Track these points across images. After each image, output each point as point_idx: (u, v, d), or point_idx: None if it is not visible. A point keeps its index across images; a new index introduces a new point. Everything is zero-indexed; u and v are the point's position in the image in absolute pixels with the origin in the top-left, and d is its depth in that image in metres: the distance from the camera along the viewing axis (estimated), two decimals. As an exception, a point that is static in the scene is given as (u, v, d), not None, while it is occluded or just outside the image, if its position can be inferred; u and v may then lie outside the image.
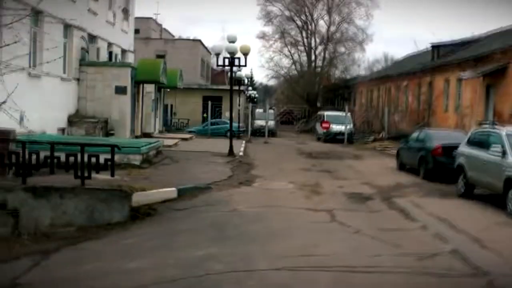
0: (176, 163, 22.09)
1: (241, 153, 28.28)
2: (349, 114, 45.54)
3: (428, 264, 9.12)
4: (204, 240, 10.66)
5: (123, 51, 35.04)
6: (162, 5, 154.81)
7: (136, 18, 66.24)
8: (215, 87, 58.97)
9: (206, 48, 71.20)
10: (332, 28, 70.59)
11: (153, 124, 35.37)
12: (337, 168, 24.40)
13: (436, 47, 43.46)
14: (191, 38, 73.09)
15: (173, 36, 76.06)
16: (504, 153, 14.78)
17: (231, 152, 26.28)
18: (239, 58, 25.99)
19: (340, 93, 67.74)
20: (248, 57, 25.97)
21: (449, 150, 20.33)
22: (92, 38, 28.75)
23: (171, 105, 49.57)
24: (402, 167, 24.42)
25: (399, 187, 18.83)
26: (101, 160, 13.15)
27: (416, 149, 22.72)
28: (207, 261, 9.04)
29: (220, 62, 26.15)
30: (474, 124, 30.46)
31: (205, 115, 49.07)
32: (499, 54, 30.10)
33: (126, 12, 35.74)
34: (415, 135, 24.39)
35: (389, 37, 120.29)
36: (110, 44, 32.70)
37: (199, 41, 67.64)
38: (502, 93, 29.53)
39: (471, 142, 17.36)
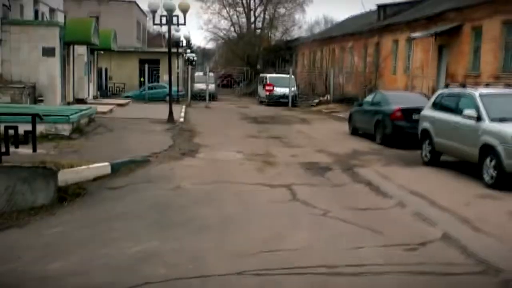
0: (111, 132, 19.85)
1: (181, 119, 26.13)
2: (293, 76, 43.59)
3: (422, 258, 7.32)
4: (143, 228, 8.66)
5: (52, 10, 32.15)
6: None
7: (67, -23, 64.00)
8: (152, 49, 56.09)
9: (142, 10, 67.94)
10: (272, -12, 68.42)
11: (86, 89, 32.70)
12: (286, 134, 22.53)
13: (382, 7, 41.92)
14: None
15: (107, -4, 72.36)
16: (479, 117, 13.13)
17: (170, 119, 24.13)
18: (177, 16, 23.72)
19: (281, 55, 65.73)
20: (187, 15, 23.66)
21: (409, 113, 18.88)
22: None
23: (106, 69, 46.66)
24: (355, 131, 22.74)
25: (357, 155, 17.11)
26: (24, 133, 10.91)
27: (371, 113, 21.03)
28: (147, 262, 7.03)
29: (157, 21, 23.73)
30: (427, 85, 29.14)
31: (142, 79, 46.32)
32: (453, 13, 28.62)
33: (54, -34, 32.86)
34: (369, 97, 22.70)
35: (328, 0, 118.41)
36: (36, 2, 29.94)
37: (134, 2, 64.28)
38: (456, 53, 28.12)
39: (438, 105, 15.65)
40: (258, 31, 70.10)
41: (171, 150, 16.50)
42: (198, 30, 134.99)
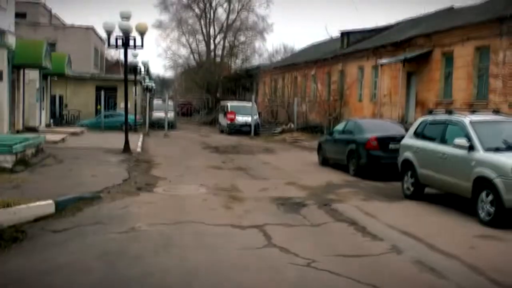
0: (60, 163, 17.94)
1: (139, 149, 24.27)
2: (255, 104, 42.05)
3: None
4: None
5: (1, 32, 29.98)
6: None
7: (23, 2, 61.49)
8: (109, 76, 54.03)
9: (99, 37, 65.85)
10: (232, 16, 67.28)
11: (38, 117, 30.57)
12: (251, 165, 20.86)
13: (346, 34, 40.81)
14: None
15: (64, 23, 70.05)
16: (471, 147, 11.67)
17: (127, 148, 22.28)
18: (134, 39, 21.92)
19: (242, 83, 64.31)
20: (144, 37, 21.95)
21: (385, 142, 17.53)
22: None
23: (61, 96, 44.50)
24: (325, 162, 21.20)
25: (332, 188, 15.53)
26: None
27: (343, 142, 19.52)
28: None
29: (113, 42, 21.90)
30: (397, 113, 27.88)
31: (99, 106, 44.25)
32: (422, 39, 27.54)
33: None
34: (340, 126, 21.21)
35: (288, 29, 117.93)
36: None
37: (92, 29, 62.13)
38: (426, 80, 26.94)
39: (421, 134, 14.18)
40: (218, 59, 68.69)
41: (126, 184, 14.67)
42: (157, 58, 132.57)
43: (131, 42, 21.82)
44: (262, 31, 67.97)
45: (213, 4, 67.98)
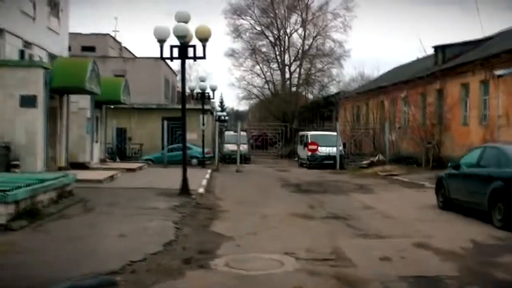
0: (87, 213, 12.65)
1: (201, 190, 18.57)
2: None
3: None
4: None
5: (53, 57, 25.35)
6: (122, 23, 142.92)
7: (91, 34, 58.12)
8: (176, 106, 49.11)
9: (170, 68, 61.46)
10: (307, 42, 61.92)
11: (89, 151, 25.51)
12: (349, 210, 14.99)
13: (440, 49, 34.51)
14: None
15: (134, 55, 66.14)
16: None
17: (185, 189, 16.81)
18: (194, 47, 16.50)
19: (320, 112, 58.50)
20: (207, 44, 16.31)
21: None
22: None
23: (123, 129, 39.68)
24: (448, 204, 15.18)
25: (486, 253, 9.70)
26: None
27: (480, 179, 13.54)
28: None
29: (166, 53, 16.53)
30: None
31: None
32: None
33: (55, 5, 26.43)
34: (472, 155, 15.03)
35: (365, 56, 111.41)
36: (28, 44, 23.42)
37: (162, 59, 57.91)
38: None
39: None
40: (294, 87, 63.32)
41: (168, 252, 9.08)
42: (229, 88, 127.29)
43: (190, 52, 16.43)
44: (339, 58, 62.54)
45: (288, 30, 63.09)
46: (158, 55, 17.10)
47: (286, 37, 63.26)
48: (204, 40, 16.41)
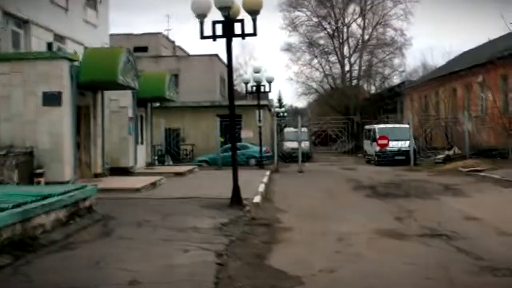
0: (103, 238, 9.31)
1: (257, 198, 14.82)
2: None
3: None
4: None
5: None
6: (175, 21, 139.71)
7: (144, 34, 55.43)
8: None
9: (224, 63, 58.12)
10: (367, 32, 57.77)
11: (132, 154, 22.22)
12: (447, 222, 11.17)
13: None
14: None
15: (187, 53, 63.07)
16: None
17: (236, 199, 13.27)
18: (242, 21, 12.98)
19: (383, 104, 54.25)
20: (257, 18, 12.90)
21: None
22: (21, 22, 17.56)
23: (176, 130, 36.46)
24: None
25: None
26: None
27: None
28: None
29: (207, 31, 13.14)
30: None
31: (221, 138, 35.47)
32: None
33: (93, -4, 23.67)
34: None
35: (428, 44, 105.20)
36: (59, 38, 20.53)
37: (216, 56, 54.42)
38: None
39: None
40: (354, 80, 59.22)
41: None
42: (287, 83, 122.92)
43: (237, 28, 12.96)
44: (401, 47, 58.01)
45: (346, 20, 59.00)
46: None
47: (345, 28, 59.25)
48: (254, 12, 12.84)
